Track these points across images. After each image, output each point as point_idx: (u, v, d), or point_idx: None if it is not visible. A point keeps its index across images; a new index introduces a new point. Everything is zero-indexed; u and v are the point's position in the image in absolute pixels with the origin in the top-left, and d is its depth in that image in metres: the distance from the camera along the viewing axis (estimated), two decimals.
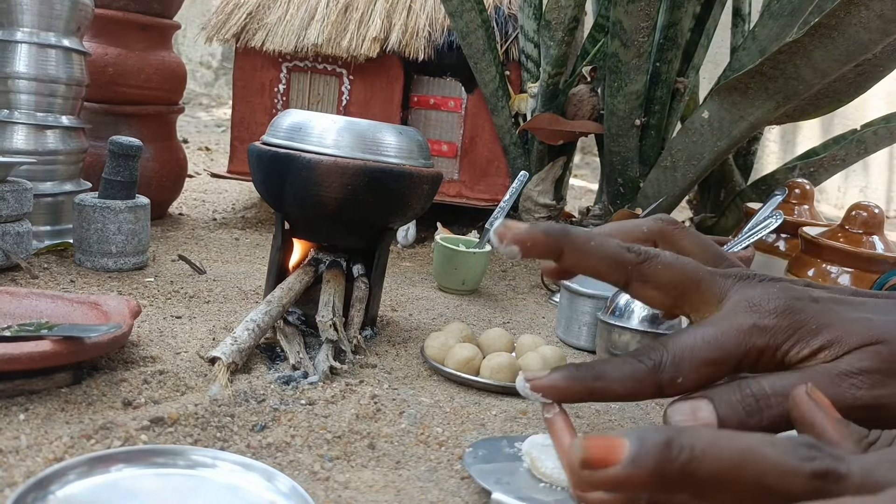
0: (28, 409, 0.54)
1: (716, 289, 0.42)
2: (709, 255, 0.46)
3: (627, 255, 0.41)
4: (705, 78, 1.54)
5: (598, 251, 0.41)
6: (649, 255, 0.42)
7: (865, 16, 0.87)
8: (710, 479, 0.24)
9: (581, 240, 0.41)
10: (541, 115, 1.30)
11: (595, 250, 0.41)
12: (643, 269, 0.42)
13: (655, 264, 0.41)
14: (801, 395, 0.34)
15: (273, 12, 1.43)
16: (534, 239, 0.40)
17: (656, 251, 0.42)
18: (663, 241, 0.46)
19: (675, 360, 0.40)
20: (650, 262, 0.41)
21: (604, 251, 0.41)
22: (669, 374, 0.40)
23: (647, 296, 0.43)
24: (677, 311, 0.45)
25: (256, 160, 0.76)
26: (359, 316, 0.76)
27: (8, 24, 0.98)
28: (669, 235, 0.46)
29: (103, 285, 0.88)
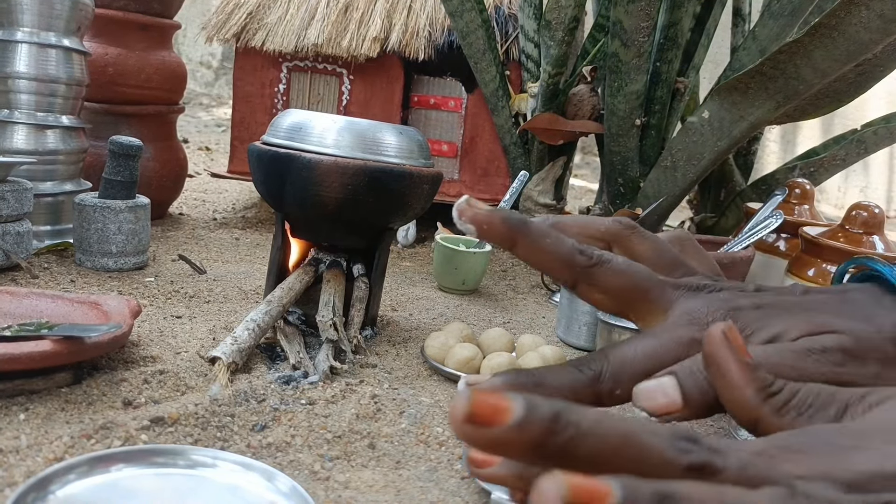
0: (28, 409, 0.54)
1: (663, 299, 0.42)
2: (663, 262, 0.46)
3: (578, 257, 0.42)
4: (705, 78, 1.54)
5: (550, 250, 0.41)
6: (601, 259, 0.42)
7: (866, 16, 0.87)
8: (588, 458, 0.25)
9: (537, 235, 0.41)
10: (541, 115, 1.30)
11: (548, 248, 0.41)
12: (592, 273, 0.42)
13: (605, 270, 0.42)
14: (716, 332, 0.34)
15: (273, 12, 1.43)
16: (491, 223, 0.41)
17: (610, 257, 0.42)
18: (618, 244, 0.47)
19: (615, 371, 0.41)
20: (599, 268, 0.42)
21: (556, 250, 0.41)
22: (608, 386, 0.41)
23: (593, 299, 0.44)
24: (624, 317, 0.46)
25: (257, 160, 0.76)
26: (359, 316, 0.76)
27: (8, 23, 0.98)
28: (625, 239, 0.47)
29: (103, 285, 0.88)
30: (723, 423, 0.68)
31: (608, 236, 0.46)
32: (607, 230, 0.47)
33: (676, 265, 0.46)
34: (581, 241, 0.44)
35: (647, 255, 0.46)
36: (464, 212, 0.41)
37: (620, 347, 0.42)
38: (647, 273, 0.43)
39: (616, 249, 0.46)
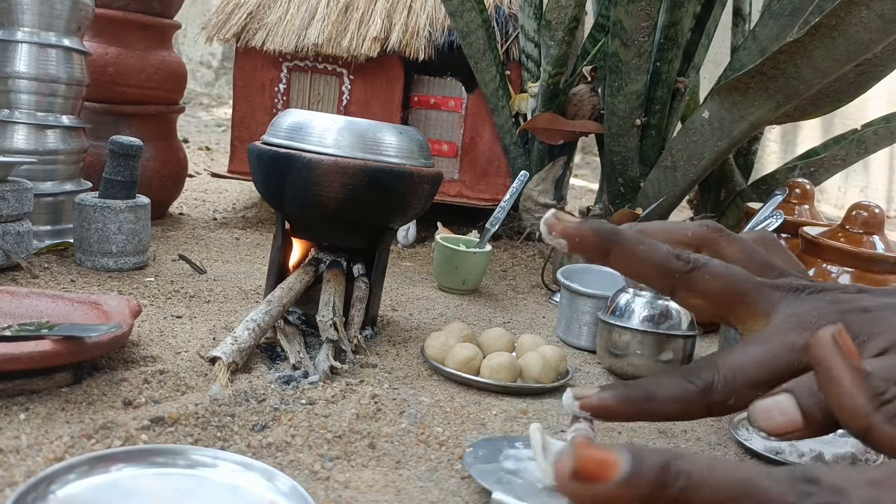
0: (28, 409, 0.54)
1: (764, 302, 0.41)
2: (755, 264, 0.44)
3: (675, 262, 0.40)
4: (706, 78, 1.54)
5: (645, 257, 0.40)
6: (697, 264, 0.40)
7: (866, 15, 0.87)
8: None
9: (630, 244, 0.40)
10: (541, 115, 1.30)
11: (643, 255, 0.40)
12: (690, 278, 0.40)
13: (703, 274, 0.40)
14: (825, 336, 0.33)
15: (273, 12, 1.43)
16: (582, 236, 0.40)
17: (705, 260, 0.41)
18: (707, 247, 0.45)
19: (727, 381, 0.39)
20: (698, 272, 0.40)
21: (652, 257, 0.40)
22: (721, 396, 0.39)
23: (693, 305, 0.42)
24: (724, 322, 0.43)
25: (257, 160, 0.76)
26: (359, 316, 0.76)
27: (8, 23, 0.98)
28: (713, 243, 0.45)
29: (104, 285, 0.88)
30: (722, 423, 0.68)
31: (696, 240, 0.45)
32: (694, 234, 0.45)
33: (768, 267, 0.45)
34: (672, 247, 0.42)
35: (736, 257, 0.44)
36: (553, 226, 0.40)
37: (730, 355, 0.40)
38: (745, 275, 0.41)
39: (705, 253, 0.44)
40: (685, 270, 0.40)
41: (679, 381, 0.40)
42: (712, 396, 0.39)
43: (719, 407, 0.39)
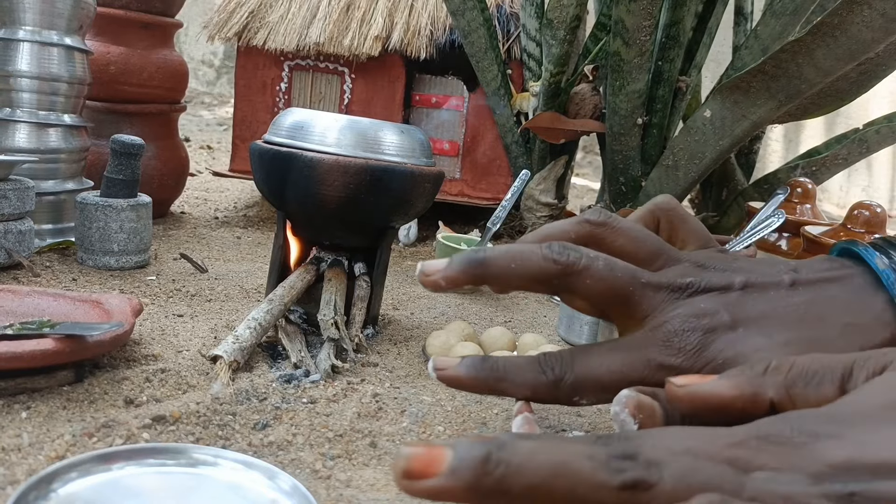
0: (30, 408, 0.54)
1: (644, 305, 0.41)
2: (644, 253, 0.44)
3: (552, 268, 0.40)
4: (707, 77, 1.54)
5: (519, 272, 0.40)
6: (577, 267, 0.40)
7: (868, 14, 0.87)
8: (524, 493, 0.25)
9: (499, 265, 0.40)
10: (542, 114, 1.30)
11: (516, 272, 0.40)
12: (570, 281, 0.41)
13: (584, 278, 0.40)
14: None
15: (275, 11, 1.43)
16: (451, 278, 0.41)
17: (588, 261, 0.41)
18: (594, 243, 0.44)
19: (577, 380, 0.40)
20: (578, 276, 0.40)
21: (526, 270, 0.40)
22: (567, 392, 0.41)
23: (574, 305, 0.44)
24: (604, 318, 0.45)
25: (258, 159, 0.76)
26: (360, 314, 0.76)
27: (10, 22, 0.98)
28: (598, 238, 0.44)
29: (105, 284, 0.88)
30: None
31: (581, 240, 0.44)
32: (578, 234, 0.44)
33: (658, 254, 0.44)
34: None
35: (626, 248, 0.44)
36: (424, 281, 0.41)
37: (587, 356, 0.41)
38: (629, 276, 0.41)
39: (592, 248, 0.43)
40: (563, 274, 0.40)
41: (534, 368, 0.41)
42: (559, 391, 0.41)
43: (565, 399, 0.41)
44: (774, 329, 0.40)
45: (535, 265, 0.41)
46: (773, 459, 0.25)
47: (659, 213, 0.50)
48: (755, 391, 0.32)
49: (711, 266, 0.43)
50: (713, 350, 0.39)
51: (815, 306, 0.41)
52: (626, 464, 0.25)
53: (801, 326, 0.40)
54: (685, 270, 0.43)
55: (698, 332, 0.40)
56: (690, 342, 0.39)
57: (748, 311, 0.41)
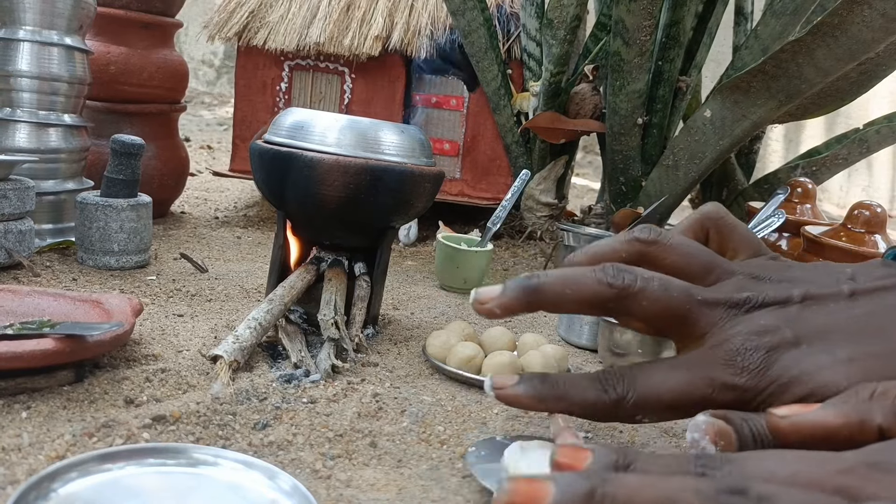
0: (30, 407, 0.54)
1: (702, 323, 0.41)
2: (696, 269, 0.43)
3: (607, 292, 0.40)
4: (707, 77, 1.54)
5: (574, 297, 0.40)
6: (632, 289, 0.40)
7: (868, 14, 0.87)
8: None
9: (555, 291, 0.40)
10: (543, 114, 1.30)
11: (571, 298, 0.40)
12: (627, 305, 0.40)
13: (640, 300, 0.40)
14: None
15: (275, 11, 1.43)
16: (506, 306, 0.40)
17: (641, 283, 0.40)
18: (645, 262, 0.43)
19: (639, 399, 0.40)
20: (634, 299, 0.40)
21: (580, 296, 0.40)
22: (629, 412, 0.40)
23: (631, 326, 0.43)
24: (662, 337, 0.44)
25: (258, 158, 0.76)
26: (360, 314, 0.76)
27: (10, 22, 0.98)
28: (649, 256, 0.44)
29: (105, 283, 0.88)
30: None
31: (632, 259, 0.43)
32: (628, 253, 0.44)
33: (711, 268, 0.43)
34: None
35: (678, 264, 0.43)
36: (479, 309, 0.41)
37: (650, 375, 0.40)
38: (684, 295, 0.40)
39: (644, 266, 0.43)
40: (618, 297, 0.40)
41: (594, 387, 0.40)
42: (621, 410, 0.40)
43: (627, 419, 0.41)
44: (837, 344, 0.39)
45: (589, 290, 0.40)
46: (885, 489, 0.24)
47: (708, 223, 0.49)
48: (862, 418, 0.32)
49: (767, 277, 0.42)
50: (778, 368, 0.38)
51: (875, 318, 0.40)
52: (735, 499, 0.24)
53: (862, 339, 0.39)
54: (741, 284, 0.42)
55: (761, 351, 0.39)
56: (754, 361, 0.39)
57: (809, 325, 0.40)
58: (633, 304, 0.40)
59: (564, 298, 0.40)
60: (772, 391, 0.38)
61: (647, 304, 0.40)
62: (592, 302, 0.41)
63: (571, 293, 0.40)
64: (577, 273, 0.41)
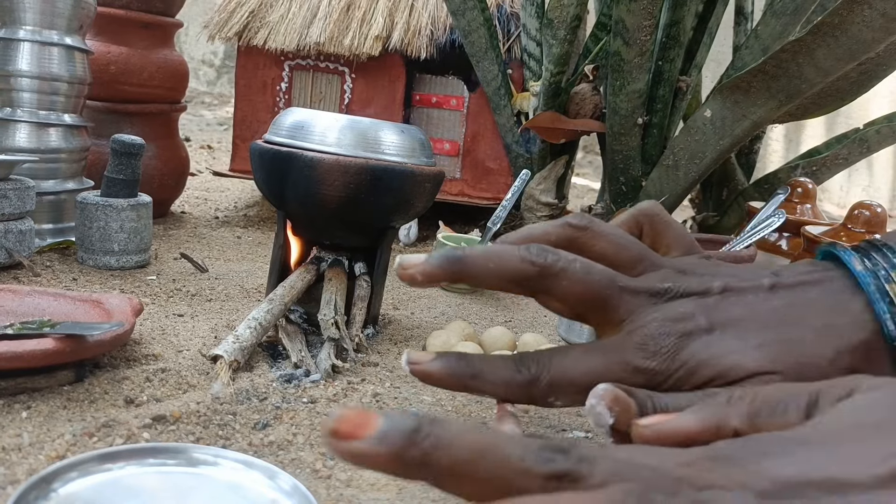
0: (30, 407, 0.54)
1: (622, 309, 0.41)
2: (624, 258, 0.44)
3: (529, 269, 0.40)
4: (708, 77, 1.54)
5: (497, 272, 0.40)
6: (554, 269, 0.40)
7: (868, 14, 0.87)
8: (448, 469, 0.25)
9: (478, 264, 0.40)
10: (543, 114, 1.30)
11: (493, 272, 0.40)
12: (547, 284, 0.41)
13: (561, 280, 0.40)
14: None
15: (275, 10, 1.43)
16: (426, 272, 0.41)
17: (566, 263, 0.41)
18: (574, 246, 0.44)
19: (553, 381, 0.40)
20: (555, 278, 0.40)
21: (503, 270, 0.40)
22: (542, 392, 0.40)
23: (551, 307, 0.43)
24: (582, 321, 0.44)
25: (258, 158, 0.76)
26: (361, 314, 0.76)
27: (10, 22, 0.98)
28: (579, 241, 0.44)
29: (105, 283, 0.88)
30: None
31: (562, 242, 0.44)
32: (559, 236, 0.44)
33: (638, 259, 0.44)
34: None
35: (606, 252, 0.44)
36: (401, 275, 0.41)
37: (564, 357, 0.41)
38: (607, 280, 0.41)
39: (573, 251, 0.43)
40: (539, 276, 0.40)
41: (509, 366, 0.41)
42: (535, 390, 0.40)
43: (540, 399, 0.41)
44: (750, 332, 0.40)
45: (512, 266, 0.41)
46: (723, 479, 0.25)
47: (643, 218, 0.49)
48: (719, 422, 0.32)
49: (692, 271, 0.43)
50: (687, 353, 0.39)
51: (793, 309, 0.41)
52: (557, 455, 0.25)
53: (777, 329, 0.40)
54: (665, 276, 0.43)
55: (674, 336, 0.40)
56: (666, 346, 0.39)
57: (725, 314, 0.40)
58: (553, 283, 0.41)
59: (487, 272, 0.41)
60: (680, 375, 0.39)
61: (567, 285, 0.41)
62: (514, 277, 0.41)
63: (494, 267, 0.41)
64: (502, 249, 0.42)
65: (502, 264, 0.41)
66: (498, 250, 0.41)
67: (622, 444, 0.36)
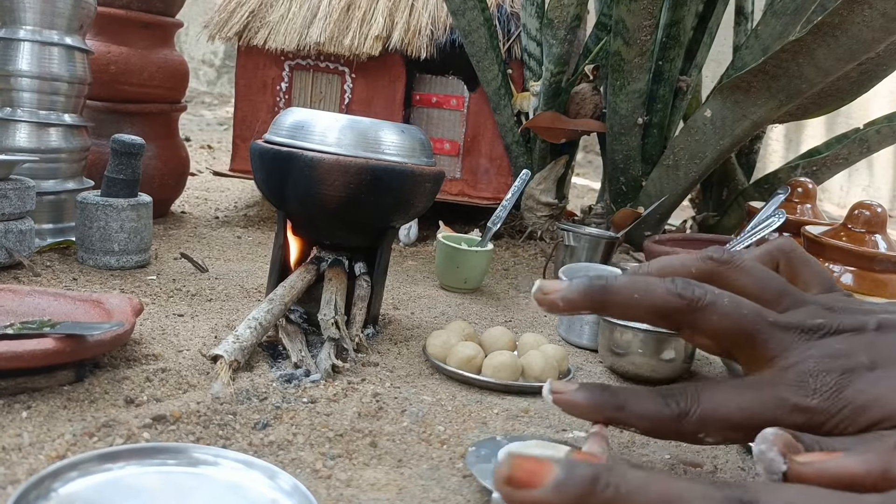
0: (31, 407, 0.54)
1: (773, 345, 0.39)
2: (768, 295, 0.42)
3: (676, 302, 0.39)
4: (708, 76, 1.54)
5: (643, 304, 0.39)
6: (702, 303, 0.39)
7: (868, 14, 0.87)
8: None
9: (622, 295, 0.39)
10: (543, 114, 1.30)
11: (640, 303, 0.39)
12: (695, 318, 0.39)
13: (709, 314, 0.39)
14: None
15: (275, 10, 1.43)
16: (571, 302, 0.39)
17: (712, 298, 0.39)
18: (716, 281, 0.42)
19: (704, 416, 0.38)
20: (703, 312, 0.39)
21: (649, 303, 0.39)
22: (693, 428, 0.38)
23: (699, 343, 0.41)
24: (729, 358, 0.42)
25: (258, 158, 0.76)
26: (361, 314, 0.76)
27: (10, 22, 0.98)
28: (722, 276, 0.42)
29: (106, 283, 0.88)
30: None
31: (703, 276, 0.42)
32: (699, 270, 0.42)
33: (783, 295, 0.42)
34: None
35: (749, 287, 0.42)
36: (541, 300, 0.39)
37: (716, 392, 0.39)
38: (755, 315, 0.39)
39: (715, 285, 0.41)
40: (687, 310, 0.39)
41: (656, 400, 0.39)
42: (683, 425, 0.38)
43: (690, 436, 0.39)
44: None
45: (659, 298, 0.39)
46: None
47: (778, 254, 0.47)
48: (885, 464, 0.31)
49: (840, 308, 0.41)
50: (852, 391, 0.37)
51: None
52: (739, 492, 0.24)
53: None
54: (814, 312, 0.41)
55: (835, 373, 0.37)
56: (827, 383, 0.37)
57: (885, 352, 0.38)
58: (702, 318, 0.39)
59: (632, 303, 0.39)
60: (845, 414, 0.37)
61: (716, 319, 0.39)
62: (661, 311, 0.39)
63: (640, 299, 0.39)
64: (648, 281, 0.40)
65: (648, 297, 0.39)
66: (644, 281, 0.40)
67: None
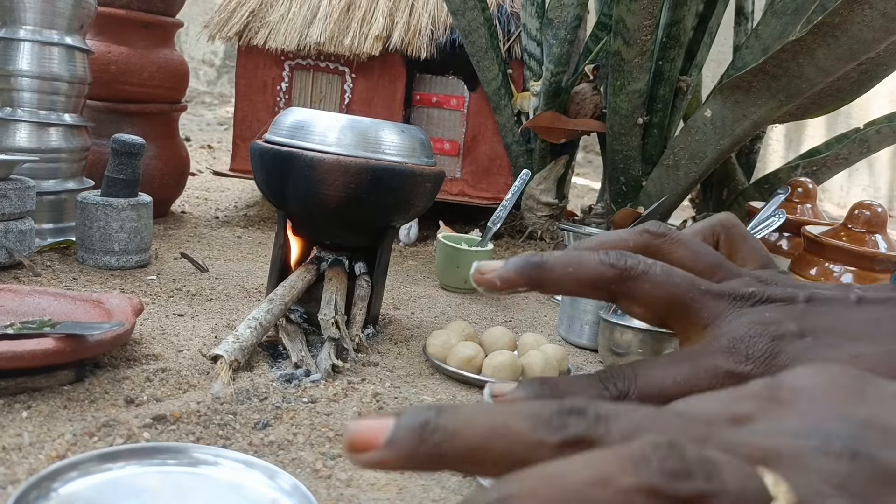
0: (31, 407, 0.54)
1: (705, 313, 0.40)
2: (703, 266, 0.43)
3: (609, 272, 0.39)
4: (708, 76, 1.54)
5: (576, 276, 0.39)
6: (635, 272, 0.39)
7: (869, 14, 0.87)
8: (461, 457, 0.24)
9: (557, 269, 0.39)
10: (543, 114, 1.30)
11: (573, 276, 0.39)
12: (628, 287, 0.40)
13: (642, 283, 0.39)
14: None
15: (276, 10, 1.43)
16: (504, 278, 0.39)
17: (644, 267, 0.40)
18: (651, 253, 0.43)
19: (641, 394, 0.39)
20: (635, 281, 0.39)
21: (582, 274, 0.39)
22: None
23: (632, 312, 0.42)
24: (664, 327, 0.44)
25: (259, 158, 0.76)
26: (361, 314, 0.76)
27: (11, 22, 0.98)
28: (657, 248, 0.43)
29: (106, 283, 0.88)
30: None
31: (639, 248, 0.43)
32: (636, 243, 0.43)
33: (717, 267, 0.43)
34: None
35: (684, 259, 0.43)
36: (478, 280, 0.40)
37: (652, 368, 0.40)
38: (688, 283, 0.40)
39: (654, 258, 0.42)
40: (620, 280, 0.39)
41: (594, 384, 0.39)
42: None
43: None
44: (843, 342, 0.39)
45: (592, 269, 0.39)
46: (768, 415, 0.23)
47: (719, 229, 0.49)
48: None
49: (773, 282, 0.42)
50: (784, 358, 0.38)
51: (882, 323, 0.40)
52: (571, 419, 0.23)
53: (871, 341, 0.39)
54: (746, 283, 0.42)
55: (766, 339, 0.38)
56: (758, 349, 0.38)
57: (814, 322, 0.39)
58: (634, 286, 0.40)
59: (566, 276, 0.40)
60: None
61: (648, 287, 0.40)
62: (594, 282, 0.40)
63: (574, 271, 0.40)
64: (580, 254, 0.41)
65: (582, 268, 0.39)
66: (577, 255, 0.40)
67: None
